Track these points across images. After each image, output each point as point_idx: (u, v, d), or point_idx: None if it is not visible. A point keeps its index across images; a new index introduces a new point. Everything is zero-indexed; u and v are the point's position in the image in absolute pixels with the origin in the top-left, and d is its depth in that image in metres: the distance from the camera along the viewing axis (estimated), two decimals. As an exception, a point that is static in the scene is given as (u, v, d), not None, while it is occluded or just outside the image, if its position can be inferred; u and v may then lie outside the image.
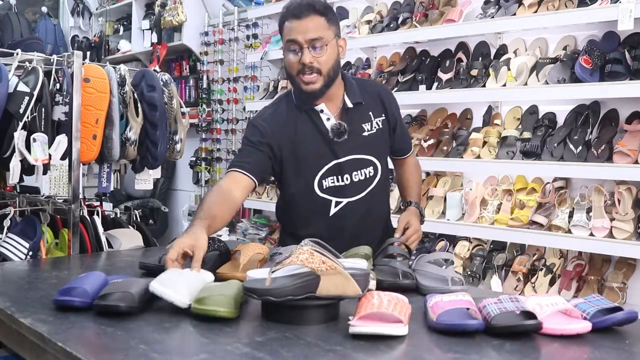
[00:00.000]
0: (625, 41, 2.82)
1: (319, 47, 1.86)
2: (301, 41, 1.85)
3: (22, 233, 2.37)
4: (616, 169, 2.64)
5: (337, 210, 2.00)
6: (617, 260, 2.83)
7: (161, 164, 2.61)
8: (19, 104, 2.15)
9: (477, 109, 3.40)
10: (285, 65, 1.96)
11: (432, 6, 3.48)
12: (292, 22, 1.88)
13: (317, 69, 1.87)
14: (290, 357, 1.16)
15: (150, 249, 2.47)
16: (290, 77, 1.95)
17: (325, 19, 1.89)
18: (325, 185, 1.99)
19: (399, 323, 1.27)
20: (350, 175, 2.00)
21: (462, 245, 3.29)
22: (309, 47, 1.86)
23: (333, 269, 1.31)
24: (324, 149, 1.98)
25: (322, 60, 1.87)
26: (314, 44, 1.86)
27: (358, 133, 1.99)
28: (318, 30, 1.86)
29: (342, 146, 1.97)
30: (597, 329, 1.31)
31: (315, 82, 1.89)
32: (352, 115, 1.99)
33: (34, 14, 6.32)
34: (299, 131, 1.98)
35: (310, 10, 1.87)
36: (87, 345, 1.27)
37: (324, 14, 1.89)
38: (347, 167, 1.99)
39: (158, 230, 5.25)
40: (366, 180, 2.02)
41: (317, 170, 1.99)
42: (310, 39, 1.85)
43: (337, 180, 1.99)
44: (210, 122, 5.08)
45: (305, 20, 1.86)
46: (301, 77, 1.89)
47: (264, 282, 1.32)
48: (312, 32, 1.85)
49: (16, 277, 1.92)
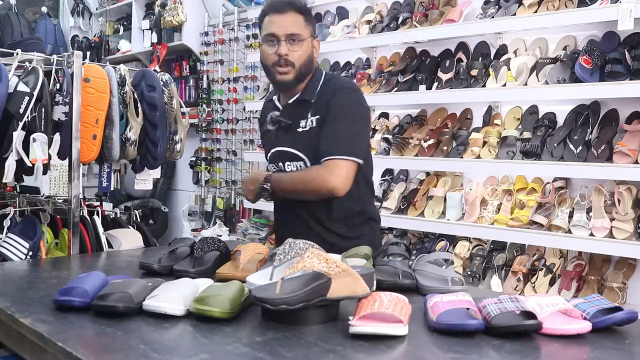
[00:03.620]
0: (625, 41, 2.82)
1: (295, 41, 2.00)
2: (280, 34, 2.00)
3: (22, 233, 2.37)
4: (616, 169, 2.64)
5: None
6: (617, 260, 2.83)
7: (161, 164, 2.61)
8: (19, 104, 2.15)
9: (477, 109, 3.40)
10: (261, 57, 2.09)
11: (432, 6, 3.48)
12: (272, 16, 2.03)
13: (291, 62, 2.01)
14: (290, 357, 1.16)
15: (150, 249, 2.47)
16: (266, 69, 2.09)
17: (304, 17, 2.03)
18: (270, 169, 2.17)
19: (399, 323, 1.27)
20: (284, 165, 2.11)
21: (462, 245, 3.29)
22: (286, 40, 2.00)
23: (344, 271, 1.30)
24: (271, 136, 2.17)
25: (297, 55, 2.01)
26: (291, 38, 2.00)
27: (294, 128, 2.08)
28: (296, 26, 2.01)
29: (279, 137, 2.12)
30: (597, 329, 1.31)
31: (288, 73, 2.02)
32: (295, 109, 2.09)
33: (34, 14, 6.32)
34: (265, 118, 2.21)
35: (291, 7, 2.02)
36: (87, 345, 1.27)
37: (303, 13, 2.04)
38: (281, 157, 2.11)
39: (158, 230, 5.25)
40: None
41: (267, 154, 2.20)
42: (288, 33, 2.00)
43: (276, 167, 2.14)
44: (210, 122, 5.08)
45: (286, 15, 2.01)
46: (276, 68, 2.03)
47: (273, 288, 1.29)
48: (291, 27, 2.00)
49: (16, 277, 1.92)
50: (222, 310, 1.35)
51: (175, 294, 1.42)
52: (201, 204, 5.22)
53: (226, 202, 4.98)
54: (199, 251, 1.82)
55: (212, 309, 1.35)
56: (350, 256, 1.74)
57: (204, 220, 5.13)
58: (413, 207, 3.39)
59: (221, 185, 5.07)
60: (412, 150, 3.41)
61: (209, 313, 1.35)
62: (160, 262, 1.83)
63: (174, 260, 1.85)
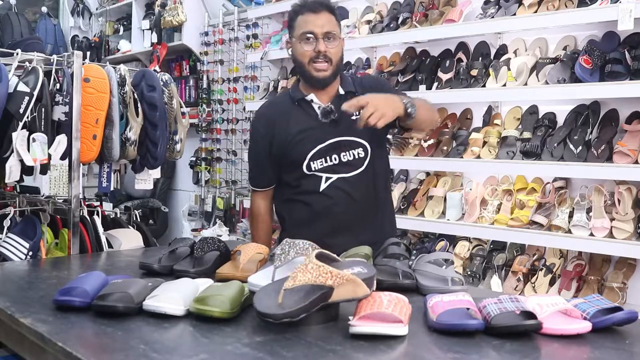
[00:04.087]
0: (625, 41, 2.82)
1: (331, 39, 2.09)
2: (317, 32, 2.07)
3: (22, 233, 2.37)
4: (616, 169, 2.64)
5: (327, 185, 2.12)
6: (617, 260, 2.83)
7: (161, 164, 2.61)
8: (19, 104, 2.15)
9: (477, 109, 3.40)
10: (295, 55, 2.14)
11: (432, 6, 3.48)
12: (308, 15, 2.10)
13: (329, 58, 2.09)
14: (290, 357, 1.16)
15: (150, 249, 2.47)
16: (301, 67, 2.14)
17: (335, 17, 2.13)
18: (313, 167, 2.13)
19: (399, 323, 1.27)
20: (339, 156, 2.12)
21: (462, 245, 3.29)
22: (323, 38, 2.07)
23: (347, 280, 1.29)
24: (314, 132, 2.13)
25: (334, 51, 2.10)
26: (328, 36, 2.08)
27: (347, 117, 2.10)
28: (331, 25, 2.10)
29: (331, 129, 2.12)
30: (597, 329, 1.31)
31: (326, 70, 2.09)
32: (343, 102, 2.08)
33: (34, 14, 6.32)
34: (293, 120, 2.16)
35: (324, 7, 2.11)
36: (87, 345, 1.27)
37: (333, 13, 2.13)
38: (336, 148, 2.12)
39: (158, 230, 5.25)
40: (356, 161, 2.13)
41: (307, 152, 2.13)
42: (325, 31, 2.08)
43: (326, 161, 2.12)
44: (210, 122, 5.08)
45: (321, 14, 2.09)
46: (313, 65, 2.09)
47: (275, 299, 1.28)
48: (327, 25, 2.09)
49: (16, 277, 1.92)
50: (222, 310, 1.35)
51: (175, 294, 1.42)
52: (201, 204, 5.22)
53: (226, 202, 4.98)
54: (199, 251, 1.83)
55: (212, 309, 1.35)
56: (349, 256, 1.74)
57: (204, 220, 5.13)
58: (413, 207, 3.39)
59: (221, 185, 5.07)
60: (412, 150, 3.41)
61: (209, 313, 1.35)
62: (160, 262, 1.83)
63: (174, 260, 1.85)
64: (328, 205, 2.12)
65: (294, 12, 2.15)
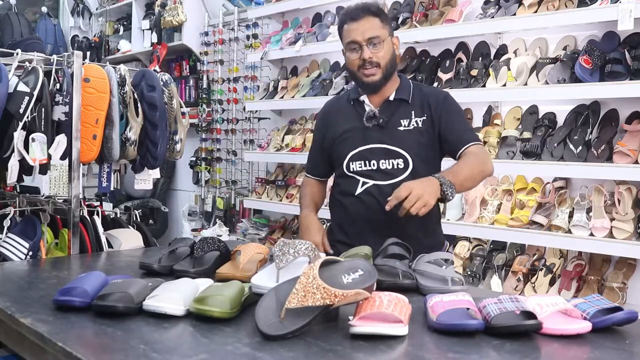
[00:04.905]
0: (625, 41, 2.82)
1: (376, 43, 2.07)
2: (360, 40, 2.07)
3: (22, 233, 2.37)
4: (616, 169, 2.64)
5: (362, 190, 2.13)
6: (617, 260, 2.83)
7: (161, 164, 2.61)
8: (19, 104, 2.15)
9: (477, 109, 3.40)
10: (346, 63, 2.17)
11: (432, 6, 3.48)
12: (350, 24, 2.10)
13: (376, 63, 2.08)
14: (290, 357, 1.16)
15: (150, 249, 2.47)
16: (352, 74, 2.17)
17: (379, 19, 2.10)
18: (352, 167, 2.16)
19: (399, 323, 1.27)
20: (378, 163, 2.12)
21: (462, 245, 3.29)
22: (367, 44, 2.07)
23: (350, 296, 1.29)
24: (358, 134, 2.16)
25: (380, 55, 2.08)
26: (372, 42, 2.07)
27: (394, 126, 2.13)
28: (374, 29, 2.08)
29: (374, 134, 2.14)
30: (597, 329, 1.31)
31: (375, 74, 2.10)
32: (392, 108, 2.15)
33: (34, 14, 6.32)
34: (344, 118, 2.22)
35: (366, 12, 2.09)
36: (87, 345, 1.27)
37: (378, 15, 2.10)
38: (376, 154, 2.13)
39: (158, 230, 5.26)
40: (394, 170, 2.11)
41: (348, 152, 2.17)
42: (368, 37, 2.07)
43: (365, 165, 2.14)
44: (210, 122, 5.08)
45: (362, 21, 2.08)
46: (362, 71, 2.10)
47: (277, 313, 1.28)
48: (369, 31, 2.07)
49: (16, 277, 1.92)
50: (222, 310, 1.35)
51: (175, 294, 1.42)
52: (201, 204, 5.22)
53: (226, 202, 4.98)
54: (199, 251, 1.83)
55: (212, 309, 1.35)
56: (350, 256, 1.74)
57: (204, 220, 5.14)
58: (413, 207, 3.39)
59: (221, 185, 5.07)
60: (412, 150, 3.41)
61: (209, 313, 1.35)
62: (160, 262, 1.83)
63: (174, 260, 1.86)
64: (360, 210, 2.13)
65: (340, 22, 2.17)
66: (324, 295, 1.25)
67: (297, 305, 1.25)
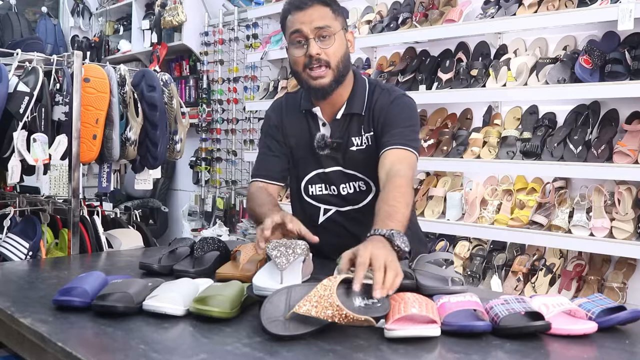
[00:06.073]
0: (625, 41, 2.82)
1: (326, 36, 1.74)
2: (306, 31, 1.74)
3: (22, 233, 2.37)
4: (616, 169, 2.64)
5: (325, 218, 1.91)
6: (617, 260, 2.83)
7: (161, 164, 2.61)
8: (19, 104, 2.15)
9: (477, 109, 3.40)
10: (290, 63, 1.83)
11: (432, 6, 3.48)
12: (295, 14, 1.77)
13: (326, 62, 1.75)
14: (290, 357, 1.16)
15: (150, 249, 2.47)
16: (297, 75, 1.83)
17: (330, 9, 1.78)
18: (311, 192, 1.92)
19: (433, 324, 1.26)
20: (338, 187, 1.89)
21: (462, 245, 3.29)
22: (315, 37, 1.74)
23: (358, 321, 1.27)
24: (310, 155, 1.89)
25: (330, 51, 1.74)
26: (320, 34, 1.74)
27: (346, 147, 1.85)
28: (324, 19, 1.75)
29: (327, 157, 1.88)
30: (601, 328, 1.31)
31: (325, 76, 1.76)
32: (345, 125, 1.86)
33: (34, 14, 6.32)
34: (297, 135, 1.92)
35: (314, 1, 1.76)
36: (87, 345, 1.27)
37: (328, 4, 1.78)
38: (334, 178, 1.89)
39: (158, 230, 5.26)
40: (356, 195, 1.88)
41: (304, 174, 1.92)
42: (316, 27, 1.73)
43: (325, 189, 1.91)
44: (210, 122, 5.08)
45: (310, 10, 1.75)
46: (308, 72, 1.76)
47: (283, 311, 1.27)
48: (318, 20, 1.74)
49: (16, 277, 1.92)
50: (222, 310, 1.35)
51: (175, 294, 1.42)
52: (201, 204, 5.22)
53: (226, 202, 4.98)
54: (199, 251, 1.82)
55: (212, 309, 1.35)
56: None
57: (204, 220, 5.14)
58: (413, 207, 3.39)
59: (221, 185, 5.07)
60: (412, 150, 3.41)
61: (209, 313, 1.34)
62: (160, 262, 1.83)
63: (174, 260, 1.85)
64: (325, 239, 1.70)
65: (283, 12, 1.82)
66: (335, 313, 1.25)
67: (305, 312, 1.25)
